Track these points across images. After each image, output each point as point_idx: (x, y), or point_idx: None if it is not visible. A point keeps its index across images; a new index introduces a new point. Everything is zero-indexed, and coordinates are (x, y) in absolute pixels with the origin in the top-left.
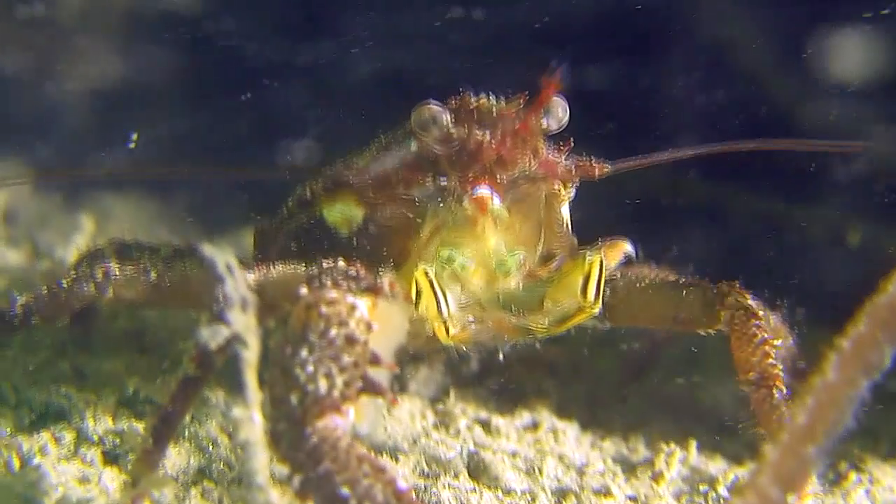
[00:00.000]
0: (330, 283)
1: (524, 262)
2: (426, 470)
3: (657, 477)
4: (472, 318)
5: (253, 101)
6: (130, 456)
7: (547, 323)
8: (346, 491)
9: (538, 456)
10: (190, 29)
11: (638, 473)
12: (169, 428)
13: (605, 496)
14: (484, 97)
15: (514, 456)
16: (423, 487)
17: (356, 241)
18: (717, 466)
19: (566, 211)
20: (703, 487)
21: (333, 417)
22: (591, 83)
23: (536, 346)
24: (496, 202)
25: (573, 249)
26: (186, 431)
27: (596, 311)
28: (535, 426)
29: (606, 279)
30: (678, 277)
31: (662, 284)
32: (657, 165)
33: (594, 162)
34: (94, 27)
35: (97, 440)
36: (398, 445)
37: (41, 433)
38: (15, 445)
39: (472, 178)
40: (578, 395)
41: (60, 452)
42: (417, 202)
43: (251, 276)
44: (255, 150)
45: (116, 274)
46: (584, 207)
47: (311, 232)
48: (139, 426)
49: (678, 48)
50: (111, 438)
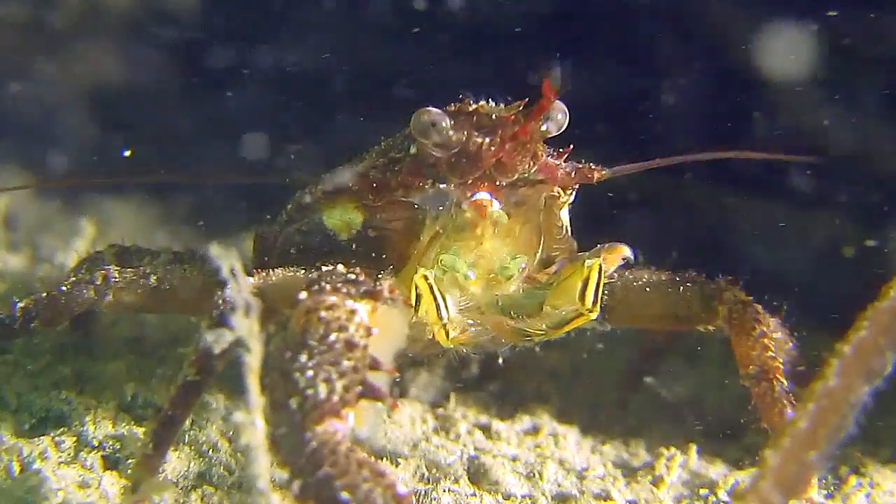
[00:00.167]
0: (329, 287)
1: (525, 268)
2: (426, 474)
3: (657, 481)
4: (471, 321)
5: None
6: (130, 461)
7: (545, 327)
8: (345, 496)
9: (539, 460)
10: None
11: (638, 478)
12: (169, 432)
13: (605, 501)
14: (483, 102)
15: (514, 460)
16: (423, 492)
17: (355, 245)
18: (717, 470)
19: (565, 215)
20: (703, 492)
21: (333, 422)
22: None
23: (536, 350)
24: (495, 207)
25: (573, 253)
26: (187, 436)
27: (594, 315)
28: (535, 430)
29: (605, 283)
30: (674, 275)
31: (659, 283)
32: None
33: (593, 166)
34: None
35: (97, 445)
36: (398, 450)
37: (41, 438)
38: (15, 450)
39: (471, 182)
40: (579, 399)
41: (60, 457)
42: (417, 207)
43: (251, 280)
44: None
45: (116, 278)
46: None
47: (310, 236)
48: (139, 431)
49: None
50: (111, 443)
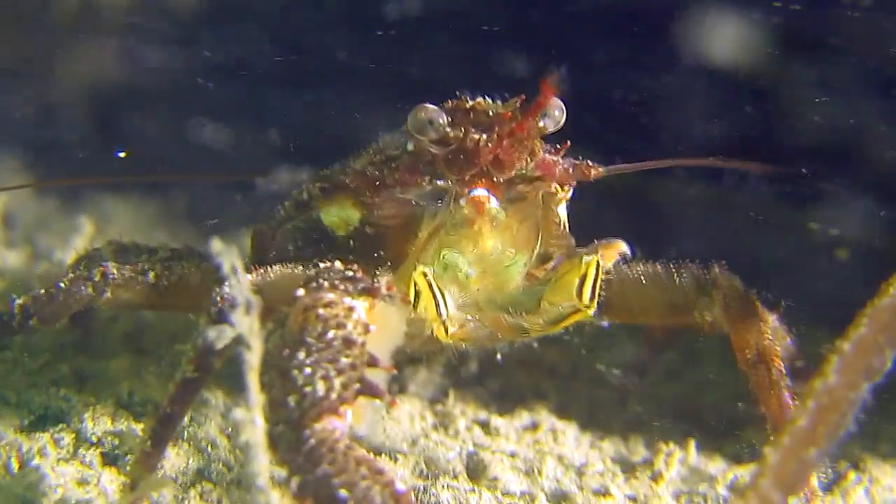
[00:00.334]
0: (327, 285)
1: (524, 267)
2: (425, 471)
3: (656, 477)
4: (470, 317)
5: None
6: (129, 457)
7: (542, 323)
8: (344, 493)
9: (537, 456)
10: None
11: (637, 474)
12: (168, 429)
13: (604, 497)
14: (480, 99)
15: (513, 457)
16: (422, 488)
17: (353, 242)
18: (716, 466)
19: (563, 211)
20: (702, 488)
21: (331, 420)
22: None
23: (534, 345)
24: (493, 203)
25: (571, 250)
26: (185, 433)
27: (591, 311)
28: (534, 427)
29: (602, 279)
30: (669, 266)
31: (655, 273)
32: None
33: (590, 163)
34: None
35: (96, 441)
36: (397, 446)
37: (40, 435)
38: (14, 447)
39: (468, 179)
40: (578, 395)
41: (59, 454)
42: (415, 204)
43: (249, 277)
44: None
45: (114, 275)
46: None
47: (308, 234)
48: (138, 428)
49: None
50: (110, 440)
